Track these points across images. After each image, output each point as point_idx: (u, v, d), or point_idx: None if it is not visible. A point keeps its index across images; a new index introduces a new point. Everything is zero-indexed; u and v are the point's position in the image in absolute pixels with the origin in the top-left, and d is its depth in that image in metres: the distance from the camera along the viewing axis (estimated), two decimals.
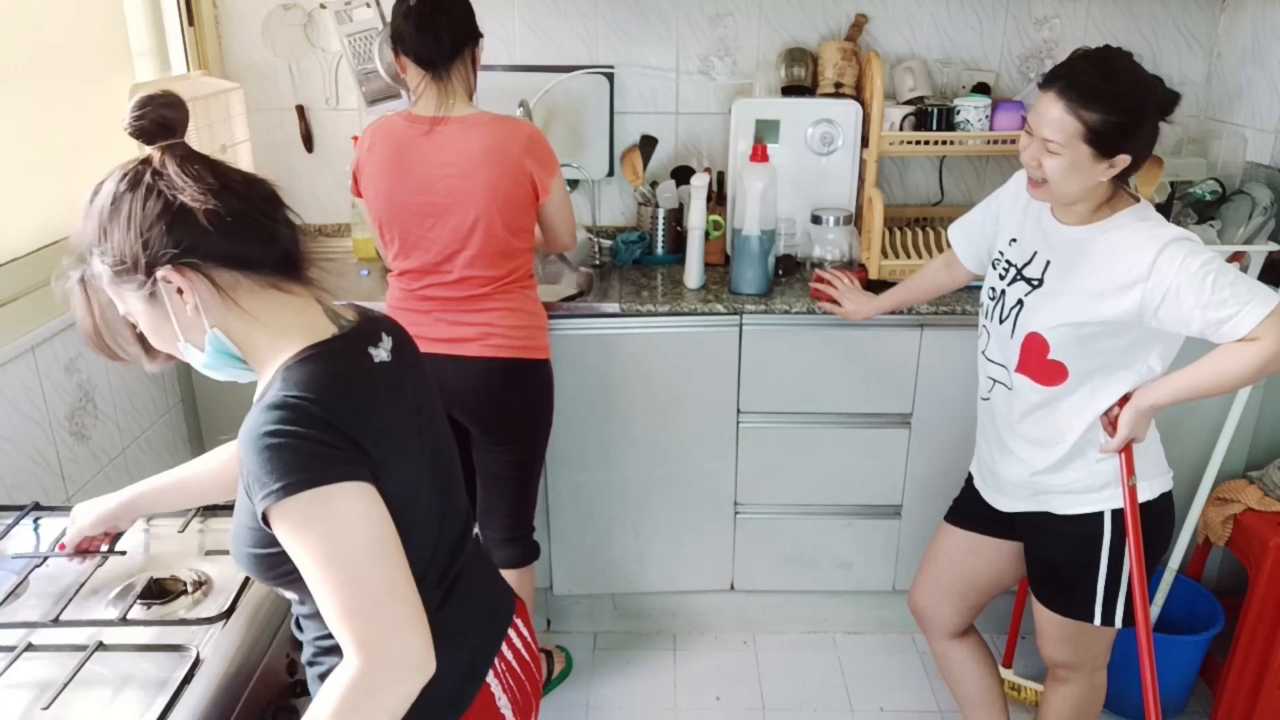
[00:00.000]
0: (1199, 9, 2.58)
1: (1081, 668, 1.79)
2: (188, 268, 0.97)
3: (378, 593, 0.92)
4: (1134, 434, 1.57)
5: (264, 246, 1.01)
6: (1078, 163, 1.49)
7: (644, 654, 2.55)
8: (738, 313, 2.27)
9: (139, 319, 1.03)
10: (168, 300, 0.99)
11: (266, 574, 1.03)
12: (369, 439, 0.98)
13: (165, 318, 1.00)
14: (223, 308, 1.00)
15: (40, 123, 1.94)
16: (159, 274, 0.97)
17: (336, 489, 0.93)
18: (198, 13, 2.50)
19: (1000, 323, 1.68)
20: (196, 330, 1.01)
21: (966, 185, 2.75)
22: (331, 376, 1.00)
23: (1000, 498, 1.78)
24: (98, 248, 0.99)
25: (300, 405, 0.95)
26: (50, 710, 1.06)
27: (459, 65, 1.88)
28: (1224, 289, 1.42)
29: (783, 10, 2.59)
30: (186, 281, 0.98)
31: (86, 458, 1.94)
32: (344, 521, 0.93)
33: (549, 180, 1.93)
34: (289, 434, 0.93)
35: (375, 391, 1.04)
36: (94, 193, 1.00)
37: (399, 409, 1.06)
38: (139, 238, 0.96)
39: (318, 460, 0.93)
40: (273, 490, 0.92)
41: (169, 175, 0.97)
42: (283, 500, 0.91)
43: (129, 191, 0.97)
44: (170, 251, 0.96)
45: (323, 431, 0.94)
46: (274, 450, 0.92)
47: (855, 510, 2.46)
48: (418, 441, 1.08)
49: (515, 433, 2.04)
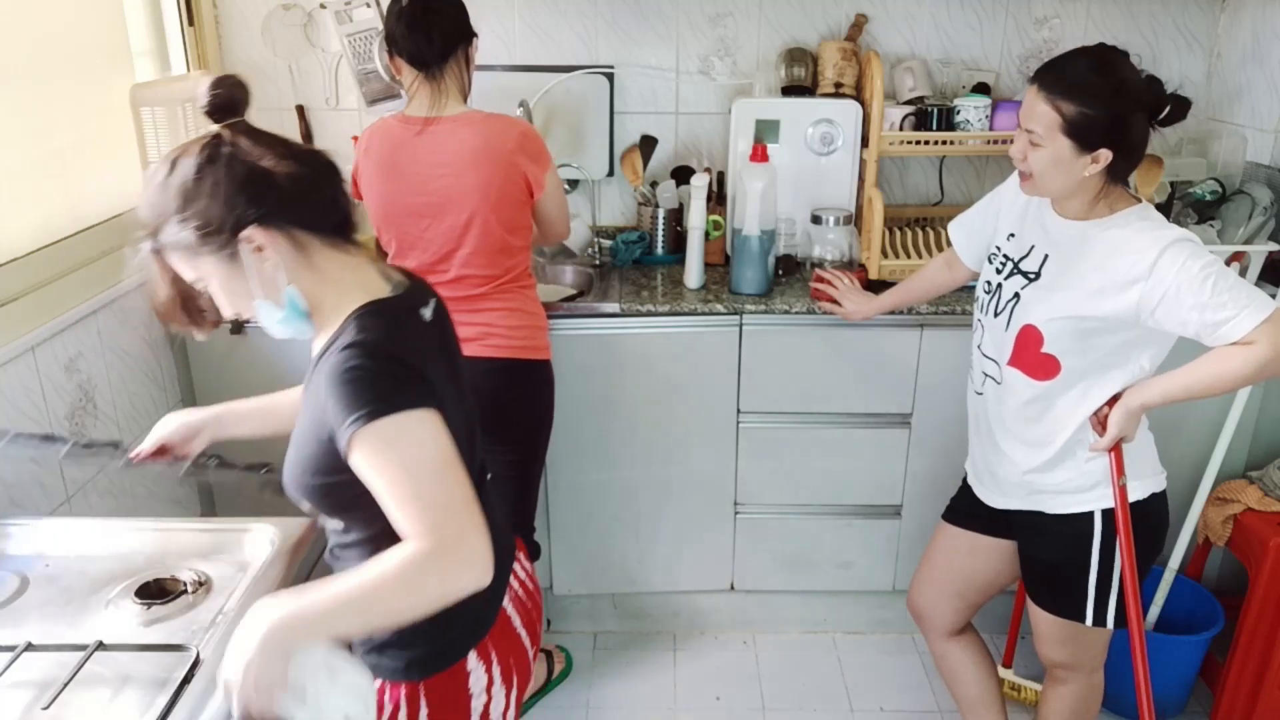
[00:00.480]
0: (1199, 9, 2.58)
1: (1079, 668, 1.79)
2: (269, 227, 1.07)
3: (453, 501, 1.01)
4: (1123, 433, 1.57)
5: (329, 209, 1.13)
6: (1059, 156, 1.50)
7: (644, 654, 2.55)
8: (738, 313, 2.27)
9: (213, 282, 1.10)
10: (247, 260, 1.07)
11: (325, 501, 1.13)
12: (430, 375, 1.09)
13: (243, 277, 1.08)
14: (296, 265, 1.10)
15: (40, 123, 1.94)
16: (243, 234, 1.05)
17: (413, 414, 1.02)
18: (198, 13, 2.50)
19: (995, 316, 1.68)
20: (273, 288, 1.10)
21: (966, 185, 2.75)
22: (396, 324, 1.12)
23: (995, 495, 1.78)
24: (178, 216, 1.06)
25: (375, 344, 1.06)
26: (50, 710, 1.06)
27: (452, 65, 1.89)
28: (1223, 292, 1.43)
29: (783, 10, 2.59)
30: (268, 238, 1.07)
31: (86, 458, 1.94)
32: (421, 441, 1.02)
33: (543, 175, 1.93)
34: (368, 368, 1.03)
35: (428, 343, 1.16)
36: (168, 169, 1.07)
37: (442, 363, 1.18)
38: (225, 201, 1.04)
39: (394, 390, 1.03)
40: (359, 416, 1.00)
41: (243, 146, 1.07)
42: (367, 425, 1.00)
43: (209, 162, 1.05)
44: (254, 212, 1.05)
45: (397, 365, 1.06)
46: (356, 383, 1.02)
47: (855, 510, 2.46)
48: (457, 394, 1.20)
49: (515, 433, 2.04)
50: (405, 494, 0.99)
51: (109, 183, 2.14)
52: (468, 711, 1.22)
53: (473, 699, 1.22)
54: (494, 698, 1.24)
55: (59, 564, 1.35)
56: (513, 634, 1.28)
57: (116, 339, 2.07)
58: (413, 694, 1.18)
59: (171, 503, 2.27)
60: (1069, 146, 1.49)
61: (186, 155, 1.07)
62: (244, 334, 2.24)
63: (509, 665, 1.26)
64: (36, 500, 1.78)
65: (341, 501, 1.11)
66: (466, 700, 1.21)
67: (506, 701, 1.27)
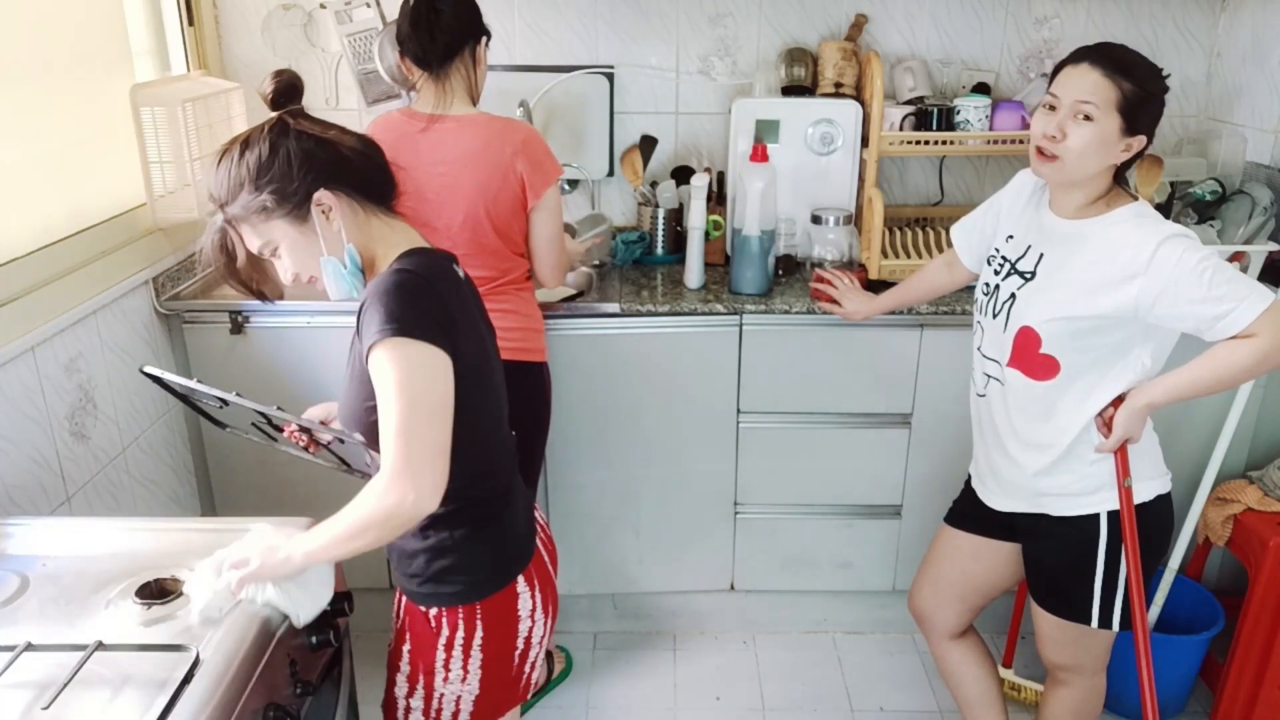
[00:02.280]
0: (1199, 9, 2.58)
1: (1081, 670, 1.79)
2: (335, 190, 1.23)
3: (427, 432, 1.16)
4: (1129, 434, 1.56)
5: (383, 178, 1.30)
6: (1105, 135, 1.49)
7: (644, 654, 2.55)
8: (738, 313, 2.27)
9: (283, 244, 1.25)
10: (317, 220, 1.23)
11: (373, 430, 1.22)
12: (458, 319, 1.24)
13: (313, 237, 1.24)
14: (354, 226, 1.26)
15: (40, 123, 1.93)
16: (316, 196, 1.21)
17: (427, 347, 1.18)
18: (198, 13, 2.50)
19: (993, 317, 1.68)
20: (338, 245, 1.25)
21: (966, 185, 2.75)
22: (435, 265, 1.27)
23: (999, 498, 1.77)
24: (253, 185, 1.20)
25: (414, 274, 1.21)
26: (50, 710, 1.06)
27: (458, 64, 1.88)
28: (1221, 285, 1.42)
29: (783, 10, 2.59)
30: (336, 200, 1.23)
31: (86, 458, 1.94)
32: (424, 371, 1.18)
33: (541, 185, 1.91)
34: (403, 289, 1.19)
35: (458, 286, 1.30)
36: (239, 150, 1.21)
37: (475, 314, 1.33)
38: (301, 168, 1.20)
39: (420, 319, 1.18)
40: (383, 328, 1.16)
41: (306, 125, 1.24)
42: (387, 338, 1.16)
43: (281, 137, 1.21)
44: (324, 177, 1.22)
45: (430, 293, 1.21)
46: (389, 300, 1.17)
47: (855, 510, 2.46)
48: (484, 334, 1.35)
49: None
50: (396, 409, 1.15)
51: (109, 183, 2.14)
52: (515, 633, 1.38)
53: (520, 621, 1.37)
54: (536, 623, 1.40)
55: (59, 564, 1.35)
56: (544, 565, 1.44)
57: (116, 339, 2.07)
58: (469, 615, 1.33)
59: (171, 503, 2.27)
60: (1118, 125, 1.49)
61: (256, 136, 1.22)
62: (244, 334, 2.24)
63: (547, 595, 1.42)
64: (36, 500, 1.78)
65: None
66: (515, 622, 1.37)
67: (544, 629, 1.42)
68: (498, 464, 1.38)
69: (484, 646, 1.35)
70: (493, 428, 1.36)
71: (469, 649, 1.35)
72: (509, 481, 1.40)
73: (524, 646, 1.40)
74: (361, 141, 1.28)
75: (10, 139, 1.84)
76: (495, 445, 1.38)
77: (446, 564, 1.32)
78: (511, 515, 1.39)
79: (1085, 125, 1.50)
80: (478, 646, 1.35)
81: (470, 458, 1.27)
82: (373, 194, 1.28)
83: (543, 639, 1.43)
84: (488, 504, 1.35)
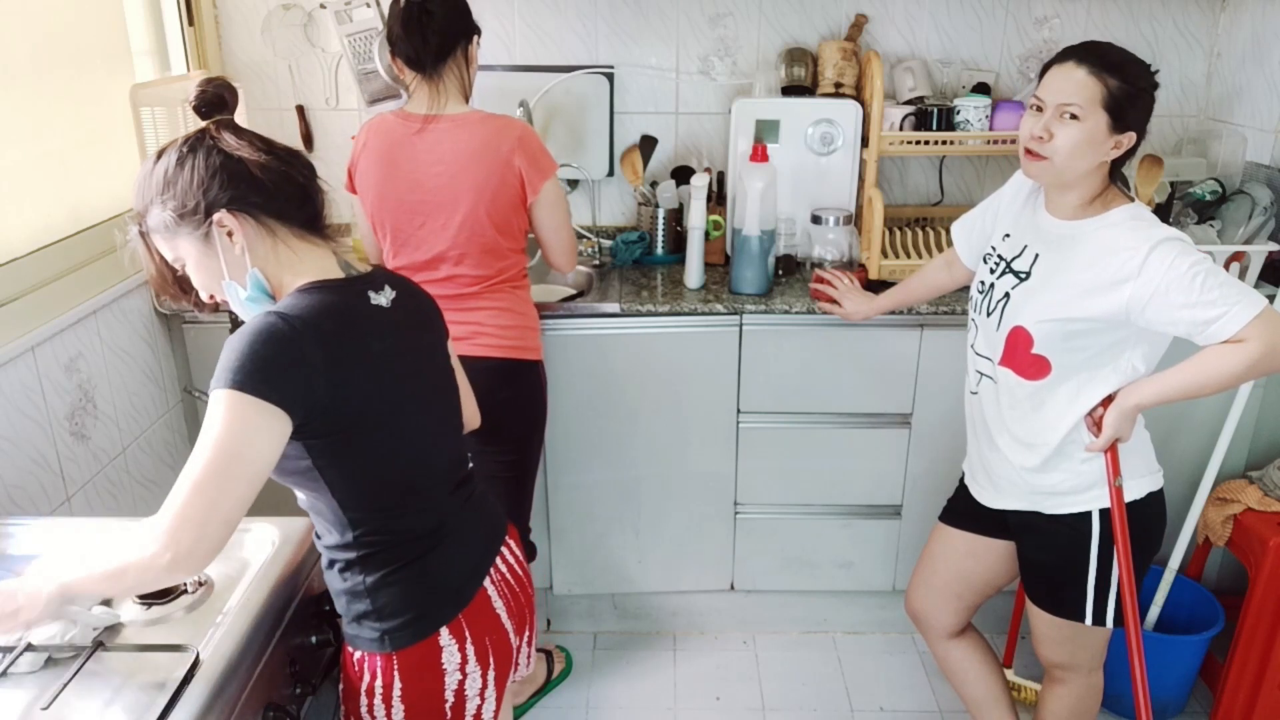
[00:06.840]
0: (1199, 9, 2.58)
1: (1078, 668, 1.79)
2: (239, 213, 1.16)
3: (217, 497, 1.07)
4: (1118, 434, 1.57)
5: (300, 203, 1.22)
6: (1093, 134, 1.49)
7: (644, 654, 2.55)
8: (738, 313, 2.27)
9: (189, 260, 1.20)
10: (219, 242, 1.17)
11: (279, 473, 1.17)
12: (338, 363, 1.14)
13: (215, 258, 1.18)
14: (263, 250, 1.19)
15: (40, 123, 1.94)
16: (215, 217, 1.15)
17: (261, 405, 1.08)
18: (198, 13, 2.50)
19: (988, 315, 1.68)
20: (240, 270, 1.19)
21: (966, 185, 2.75)
22: (320, 304, 1.17)
23: (992, 496, 1.77)
24: (160, 199, 1.16)
25: (283, 321, 1.12)
26: (50, 710, 1.06)
27: (451, 64, 1.88)
28: (1213, 290, 1.42)
29: (783, 10, 2.59)
30: (237, 224, 1.16)
31: (86, 458, 1.94)
32: (247, 434, 1.08)
33: (539, 180, 1.92)
34: (259, 338, 1.10)
35: (358, 322, 1.21)
36: (155, 159, 1.18)
37: (381, 341, 1.23)
38: (201, 186, 1.15)
39: (265, 374, 1.09)
40: (221, 375, 1.09)
41: (225, 139, 1.17)
42: (221, 389, 1.08)
43: (191, 152, 1.16)
44: (227, 196, 1.15)
45: (286, 352, 1.11)
46: (240, 346, 1.10)
47: (855, 510, 2.46)
48: (398, 370, 1.25)
49: (507, 433, 2.03)
50: (194, 481, 1.07)
51: (109, 183, 2.14)
52: (441, 687, 1.27)
53: (446, 675, 1.27)
54: (469, 676, 1.29)
55: None
56: (491, 614, 1.32)
57: (116, 339, 2.07)
58: (387, 665, 1.24)
59: None
60: (1105, 123, 1.49)
61: (172, 146, 1.18)
62: None
63: (484, 645, 1.30)
64: (36, 500, 1.78)
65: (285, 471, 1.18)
66: (440, 675, 1.27)
67: (483, 681, 1.31)
68: (413, 506, 1.26)
69: (404, 698, 1.25)
70: (404, 468, 1.25)
71: (389, 699, 1.25)
72: (436, 524, 1.27)
73: (455, 699, 1.28)
74: (283, 161, 1.20)
75: (10, 139, 1.84)
76: (408, 488, 1.25)
77: (362, 609, 1.24)
78: (440, 560, 1.27)
79: (1072, 124, 1.50)
80: (398, 698, 1.25)
81: (370, 502, 1.21)
82: (289, 218, 1.20)
83: (483, 689, 1.31)
84: (402, 548, 1.24)
